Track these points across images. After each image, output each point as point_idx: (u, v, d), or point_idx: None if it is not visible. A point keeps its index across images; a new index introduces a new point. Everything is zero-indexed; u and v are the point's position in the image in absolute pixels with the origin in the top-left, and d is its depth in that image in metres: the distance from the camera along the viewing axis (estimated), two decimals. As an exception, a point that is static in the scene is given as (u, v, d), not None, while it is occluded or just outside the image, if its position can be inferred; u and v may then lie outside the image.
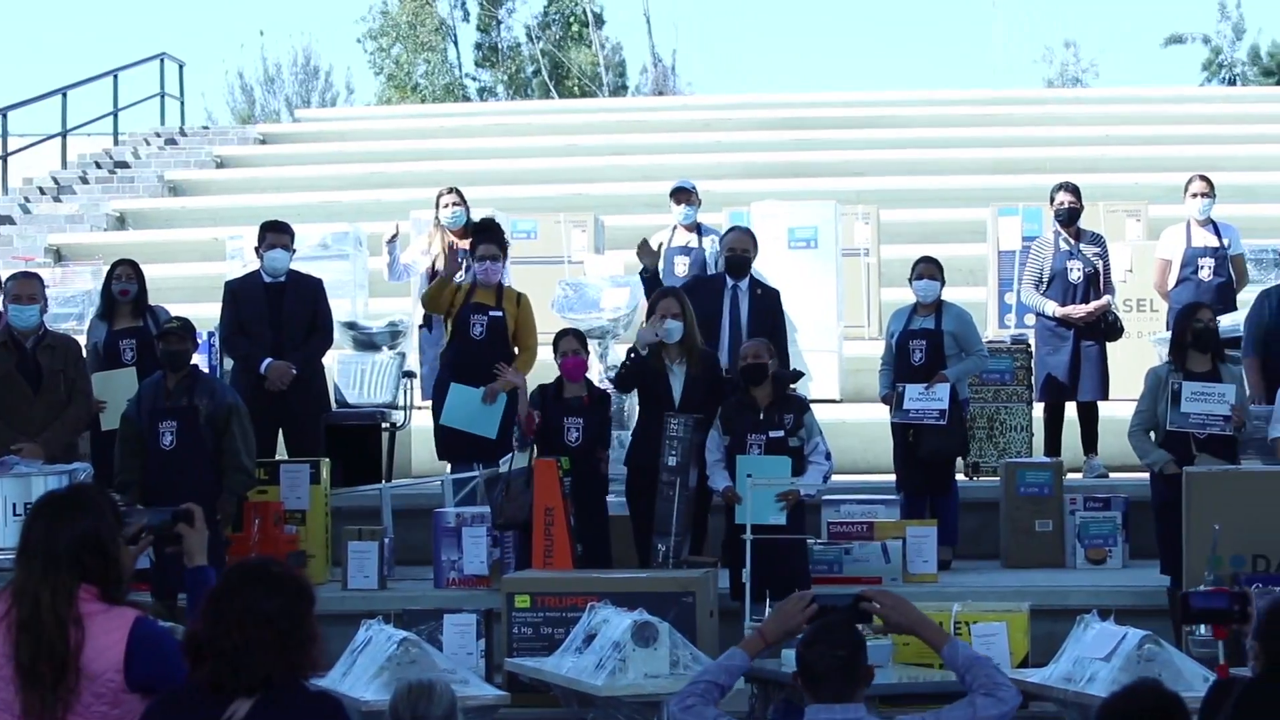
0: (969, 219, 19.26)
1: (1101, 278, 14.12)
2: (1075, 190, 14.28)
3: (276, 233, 13.08)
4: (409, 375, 14.76)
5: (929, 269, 12.90)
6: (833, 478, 11.69)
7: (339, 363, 14.73)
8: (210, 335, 13.94)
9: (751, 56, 77.20)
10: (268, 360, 12.75)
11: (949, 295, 13.08)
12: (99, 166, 25.05)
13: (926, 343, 12.68)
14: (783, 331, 12.80)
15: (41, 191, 23.89)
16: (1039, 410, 14.20)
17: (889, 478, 13.01)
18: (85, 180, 24.44)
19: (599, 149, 24.63)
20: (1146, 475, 11.74)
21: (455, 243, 14.03)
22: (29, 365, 11.93)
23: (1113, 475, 13.93)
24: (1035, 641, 9.98)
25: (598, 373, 14.47)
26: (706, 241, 14.41)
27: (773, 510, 10.88)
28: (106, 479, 11.65)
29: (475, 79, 50.57)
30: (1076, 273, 14.04)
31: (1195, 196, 14.51)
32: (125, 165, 25.11)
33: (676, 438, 11.41)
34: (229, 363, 13.53)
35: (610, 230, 18.51)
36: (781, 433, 11.22)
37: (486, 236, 12.85)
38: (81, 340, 12.87)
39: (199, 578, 5.72)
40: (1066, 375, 13.91)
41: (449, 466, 13.07)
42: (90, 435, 12.50)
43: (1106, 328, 14.06)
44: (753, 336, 12.16)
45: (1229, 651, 7.20)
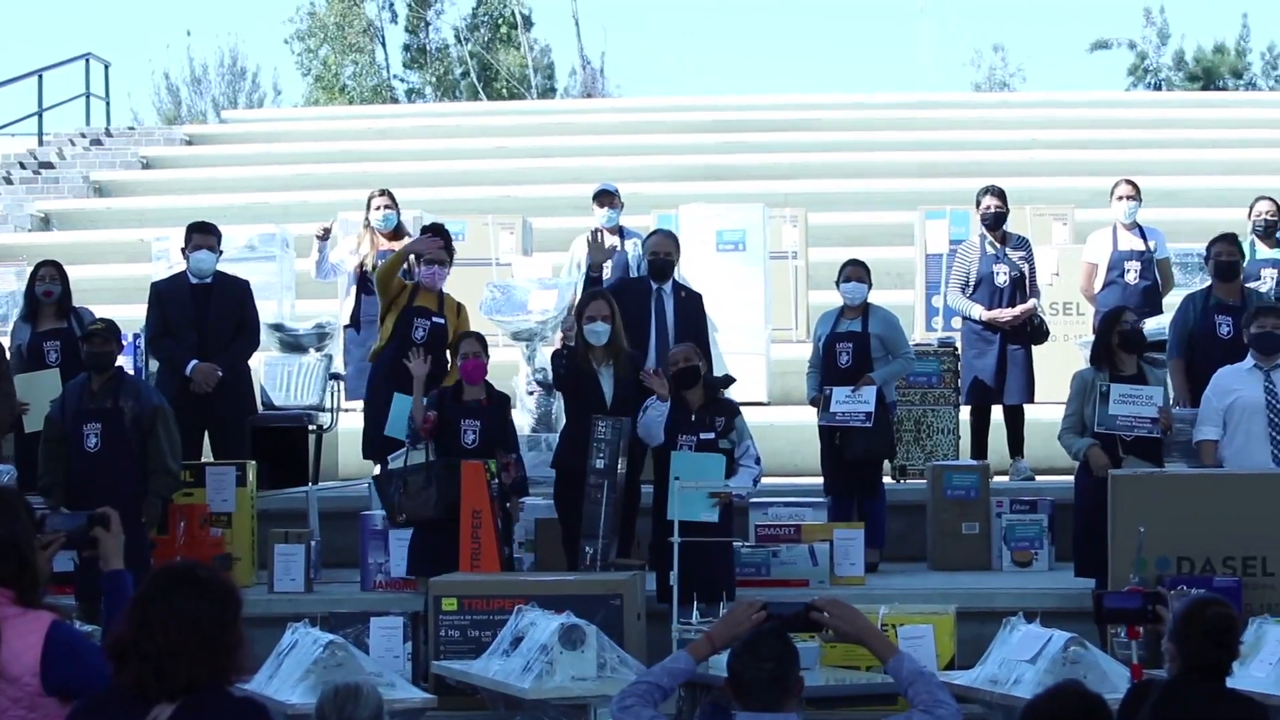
0: (896, 222, 19.31)
1: (1027, 281, 14.16)
2: (1001, 194, 14.33)
3: (203, 234, 12.99)
4: (336, 377, 14.70)
5: (856, 272, 12.91)
6: (761, 480, 11.69)
7: (265, 364, 14.65)
8: (136, 337, 13.85)
9: (680, 59, 77.46)
10: (193, 362, 12.67)
11: (876, 298, 13.07)
12: (23, 167, 24.85)
13: (853, 345, 12.67)
14: (706, 334, 12.82)
15: (-35, 192, 23.73)
16: (965, 413, 14.22)
17: (817, 480, 13.00)
18: (9, 181, 24.25)
19: (527, 151, 24.60)
20: (1072, 478, 11.79)
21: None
22: (-49, 367, 11.84)
23: (1039, 478, 13.99)
24: (962, 644, 10.03)
25: (525, 375, 14.44)
26: (629, 245, 14.35)
27: (705, 507, 10.84)
28: (30, 481, 11.58)
29: (403, 80, 50.46)
30: (1003, 276, 14.08)
31: (1121, 200, 14.58)
32: (50, 166, 24.92)
33: (604, 440, 11.39)
34: (154, 364, 13.43)
35: (538, 232, 18.47)
36: (712, 435, 11.22)
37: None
38: (4, 342, 12.77)
39: (116, 582, 5.69)
40: (993, 378, 13.94)
41: (375, 468, 13.03)
42: (14, 437, 12.43)
43: (1033, 331, 14.12)
44: (679, 339, 12.17)
45: (1149, 654, 7.25)
